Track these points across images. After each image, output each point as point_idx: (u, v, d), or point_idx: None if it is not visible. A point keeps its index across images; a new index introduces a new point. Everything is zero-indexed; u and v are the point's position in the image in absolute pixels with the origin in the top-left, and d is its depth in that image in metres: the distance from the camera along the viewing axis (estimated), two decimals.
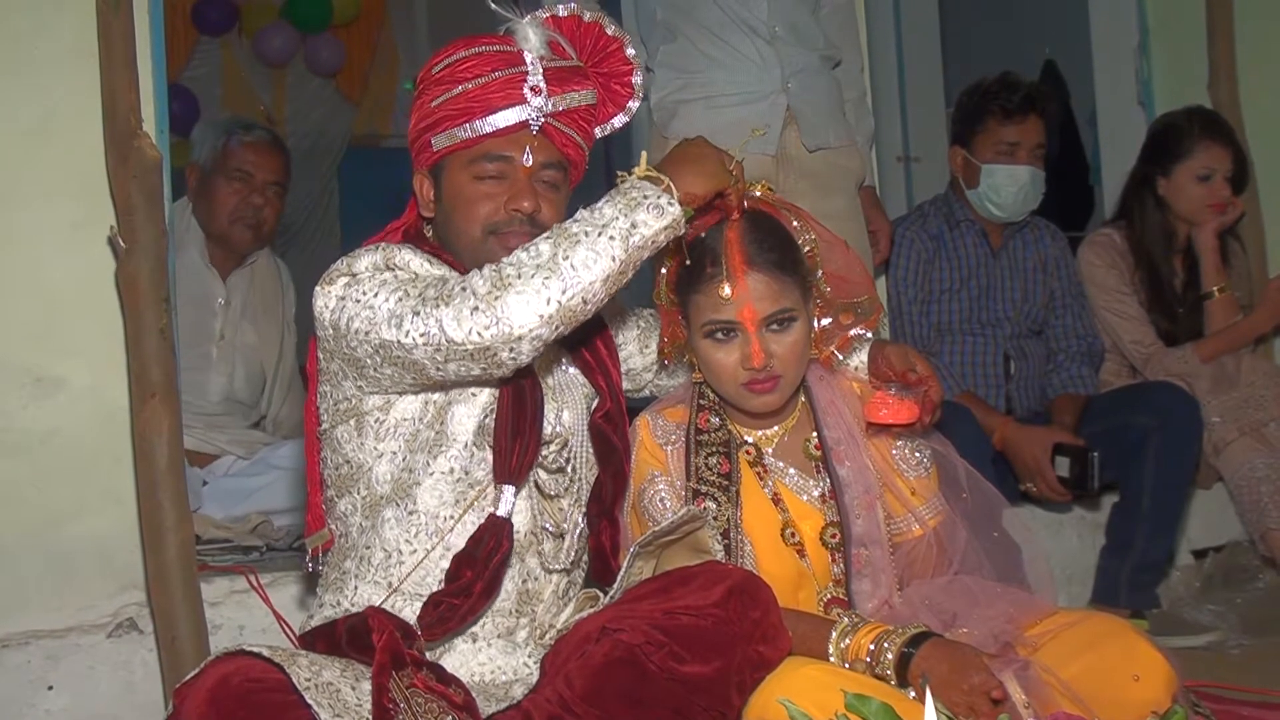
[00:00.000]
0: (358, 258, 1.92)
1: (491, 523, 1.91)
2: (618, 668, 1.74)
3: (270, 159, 3.52)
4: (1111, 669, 1.90)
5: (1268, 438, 3.53)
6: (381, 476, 1.94)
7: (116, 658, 2.46)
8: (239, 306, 3.54)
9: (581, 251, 1.77)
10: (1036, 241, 3.58)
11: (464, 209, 1.97)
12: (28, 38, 2.49)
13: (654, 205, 1.82)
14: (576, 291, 1.77)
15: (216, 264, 3.51)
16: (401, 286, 1.84)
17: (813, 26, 3.11)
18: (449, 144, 1.96)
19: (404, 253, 1.93)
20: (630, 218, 1.81)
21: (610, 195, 1.86)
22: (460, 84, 1.93)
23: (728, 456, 2.15)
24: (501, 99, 1.93)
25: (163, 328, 2.37)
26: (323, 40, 7.57)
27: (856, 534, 2.10)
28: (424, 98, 1.97)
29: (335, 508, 2.01)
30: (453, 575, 1.91)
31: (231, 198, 3.45)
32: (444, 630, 1.89)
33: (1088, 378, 3.53)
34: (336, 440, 1.98)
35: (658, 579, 1.92)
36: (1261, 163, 3.92)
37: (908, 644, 1.89)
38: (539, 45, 1.97)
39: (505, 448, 1.92)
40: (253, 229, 3.49)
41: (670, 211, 1.83)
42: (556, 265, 1.76)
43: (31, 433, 2.48)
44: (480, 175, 1.96)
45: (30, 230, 2.50)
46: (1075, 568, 3.38)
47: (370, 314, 1.83)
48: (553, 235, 1.81)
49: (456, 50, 1.97)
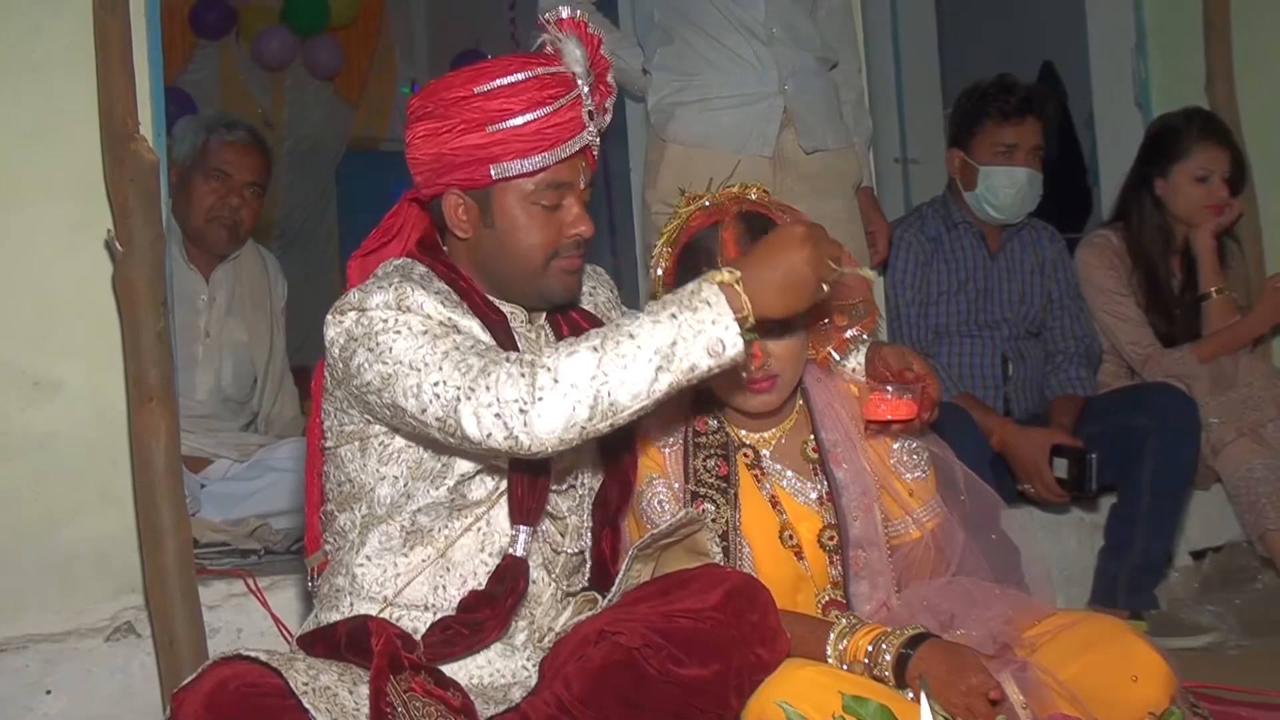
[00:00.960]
0: (369, 292, 1.83)
1: (510, 564, 1.90)
2: (616, 670, 1.74)
3: (250, 159, 3.44)
4: (1110, 670, 1.90)
5: (1266, 439, 3.53)
6: (382, 498, 1.92)
7: (114, 661, 2.46)
8: (224, 303, 3.49)
9: (625, 376, 1.68)
10: (1034, 243, 3.58)
11: (523, 236, 1.91)
12: (25, 40, 2.49)
13: (716, 340, 1.68)
14: (605, 417, 1.69)
15: (197, 261, 3.45)
16: (419, 347, 1.77)
17: (810, 28, 3.11)
18: (513, 173, 1.87)
19: (417, 294, 1.83)
20: (689, 349, 1.68)
21: (681, 302, 1.71)
22: (522, 113, 1.83)
23: (725, 459, 2.15)
24: (570, 129, 1.87)
25: (160, 330, 2.37)
26: (321, 43, 7.58)
27: (854, 536, 2.10)
28: (461, 118, 1.85)
29: (334, 522, 1.99)
30: (468, 607, 1.88)
31: (208, 197, 3.38)
32: (447, 654, 1.87)
33: (1086, 379, 3.53)
34: (340, 458, 1.96)
35: (656, 582, 1.92)
36: (1259, 164, 3.92)
37: (906, 645, 1.89)
38: (584, 62, 1.89)
39: (524, 494, 1.89)
40: (229, 229, 3.42)
41: (730, 354, 1.69)
42: (593, 386, 1.67)
43: (29, 435, 2.47)
44: (540, 202, 1.90)
45: (27, 233, 2.49)
46: (1073, 569, 3.38)
47: (384, 369, 1.78)
48: (603, 344, 1.69)
49: (503, 72, 1.85)
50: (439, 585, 1.92)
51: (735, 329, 1.69)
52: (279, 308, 3.64)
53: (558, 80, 1.86)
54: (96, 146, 2.43)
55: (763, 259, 1.76)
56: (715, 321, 1.69)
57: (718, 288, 1.71)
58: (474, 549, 1.93)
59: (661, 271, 2.16)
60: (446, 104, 1.86)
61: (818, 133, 3.07)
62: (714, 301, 1.70)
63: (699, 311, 1.69)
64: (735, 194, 2.15)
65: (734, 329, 1.69)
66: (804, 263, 1.75)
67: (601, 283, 2.23)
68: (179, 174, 3.38)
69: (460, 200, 1.92)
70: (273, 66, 7.55)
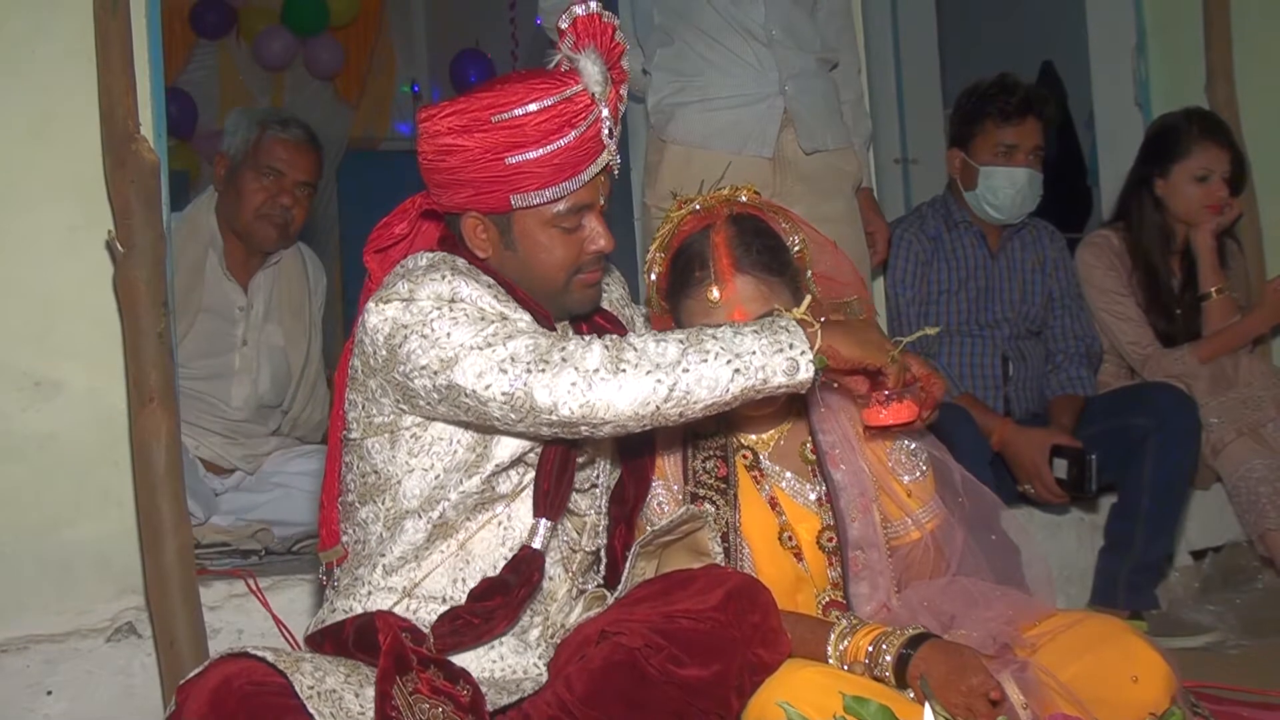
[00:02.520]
0: (420, 283, 1.82)
1: (527, 555, 1.89)
2: (617, 671, 1.75)
3: (304, 158, 3.32)
4: (1110, 670, 1.90)
5: (1266, 438, 3.54)
6: (410, 491, 1.90)
7: (115, 662, 2.46)
8: (261, 310, 3.37)
9: (705, 370, 1.75)
10: (1035, 243, 3.58)
11: (545, 258, 1.91)
12: (25, 41, 2.49)
13: (792, 361, 1.78)
14: (679, 404, 1.75)
15: (235, 269, 3.33)
16: (479, 330, 1.77)
17: (810, 29, 3.11)
18: (535, 203, 1.86)
19: (467, 286, 1.82)
20: (767, 361, 1.78)
21: (761, 324, 1.82)
22: (543, 144, 1.81)
23: (725, 460, 2.15)
24: (591, 153, 1.86)
25: (161, 331, 2.37)
26: (321, 43, 7.57)
27: (853, 537, 2.10)
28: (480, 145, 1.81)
29: (355, 514, 1.96)
30: (480, 595, 1.88)
31: (259, 195, 3.26)
32: (456, 645, 1.86)
33: (1086, 379, 3.53)
34: (366, 450, 1.93)
35: (657, 582, 1.93)
36: (1259, 164, 3.91)
37: (906, 645, 1.89)
38: (602, 79, 1.85)
39: (550, 488, 1.90)
40: (279, 228, 3.30)
41: (803, 376, 1.79)
42: (675, 372, 1.74)
43: (30, 436, 2.48)
44: (562, 225, 1.90)
45: (28, 234, 2.50)
46: (1074, 569, 3.38)
47: (440, 353, 1.77)
48: (688, 339, 1.78)
49: (521, 100, 1.81)
50: (458, 578, 1.91)
51: (809, 355, 1.80)
52: (318, 313, 3.53)
53: (577, 104, 1.83)
54: (97, 147, 2.43)
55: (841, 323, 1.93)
56: (794, 345, 1.80)
57: (796, 321, 1.83)
58: (495, 543, 1.92)
59: (655, 276, 2.16)
60: (464, 129, 1.82)
61: (818, 133, 3.07)
62: (792, 329, 1.81)
63: (780, 335, 1.80)
64: (726, 196, 2.15)
65: (809, 354, 1.80)
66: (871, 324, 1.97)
67: (615, 280, 2.24)
68: (227, 168, 3.29)
69: (479, 222, 1.92)
70: (275, 67, 7.55)
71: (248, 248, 3.35)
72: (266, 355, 3.37)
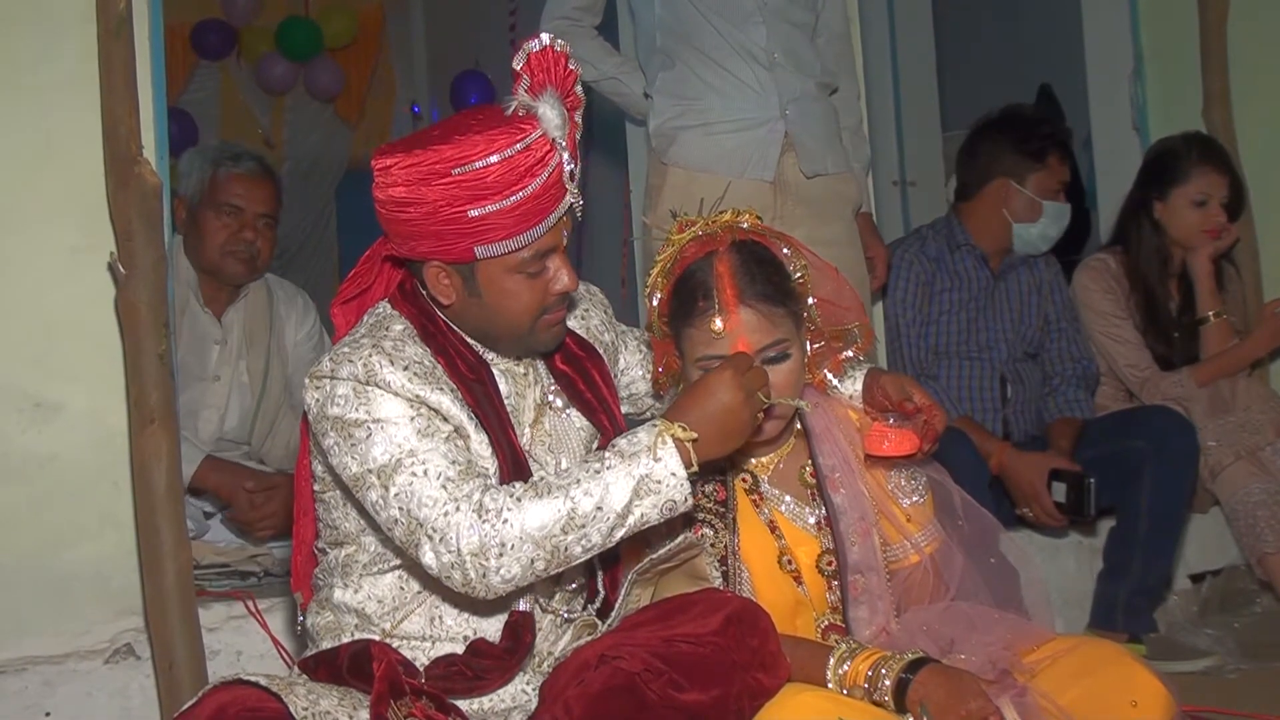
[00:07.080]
0: (340, 361, 1.83)
1: (517, 619, 1.91)
2: (617, 695, 1.74)
3: (261, 190, 3.30)
4: (1109, 695, 1.90)
5: (1264, 462, 3.54)
6: (368, 545, 1.92)
7: (114, 684, 2.46)
8: (234, 346, 3.36)
9: (585, 532, 1.76)
10: (1031, 265, 3.60)
11: (512, 303, 1.89)
12: (29, 63, 2.50)
13: (669, 502, 1.78)
14: (561, 566, 1.80)
15: (210, 304, 3.32)
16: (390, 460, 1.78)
17: (810, 54, 3.12)
18: (498, 253, 1.83)
19: (386, 369, 1.81)
20: (645, 513, 1.78)
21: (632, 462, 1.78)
22: (506, 195, 1.78)
23: (723, 483, 2.15)
24: (553, 200, 1.83)
25: (162, 353, 2.37)
26: (321, 64, 7.61)
27: (852, 561, 2.10)
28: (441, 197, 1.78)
29: (326, 557, 1.99)
30: (475, 652, 1.89)
31: (221, 233, 3.24)
32: (446, 689, 1.86)
33: (1084, 401, 3.53)
34: (326, 503, 1.95)
35: (656, 606, 1.92)
36: (1256, 188, 3.92)
37: (905, 670, 1.89)
38: (561, 123, 1.82)
39: None
40: (245, 263, 3.28)
41: (681, 510, 1.81)
42: (552, 545, 1.75)
43: (30, 457, 2.48)
44: (526, 271, 1.87)
45: (30, 255, 2.51)
46: (1072, 593, 3.38)
47: (355, 470, 1.80)
48: (564, 505, 1.76)
49: (482, 152, 1.77)
50: (435, 616, 1.92)
51: (687, 489, 1.78)
52: (290, 341, 3.47)
53: (536, 152, 1.79)
54: (99, 168, 2.44)
55: (699, 407, 1.83)
56: (670, 484, 1.78)
57: (674, 446, 1.78)
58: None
59: (657, 302, 2.15)
60: (423, 179, 1.78)
61: (818, 157, 3.08)
62: (669, 460, 1.78)
63: (652, 472, 1.77)
64: (728, 222, 2.12)
65: (686, 488, 1.78)
66: (740, 406, 1.84)
67: (595, 304, 2.22)
68: (187, 209, 3.27)
69: (442, 270, 1.89)
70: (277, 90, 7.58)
71: (219, 281, 3.34)
72: (236, 391, 3.36)
